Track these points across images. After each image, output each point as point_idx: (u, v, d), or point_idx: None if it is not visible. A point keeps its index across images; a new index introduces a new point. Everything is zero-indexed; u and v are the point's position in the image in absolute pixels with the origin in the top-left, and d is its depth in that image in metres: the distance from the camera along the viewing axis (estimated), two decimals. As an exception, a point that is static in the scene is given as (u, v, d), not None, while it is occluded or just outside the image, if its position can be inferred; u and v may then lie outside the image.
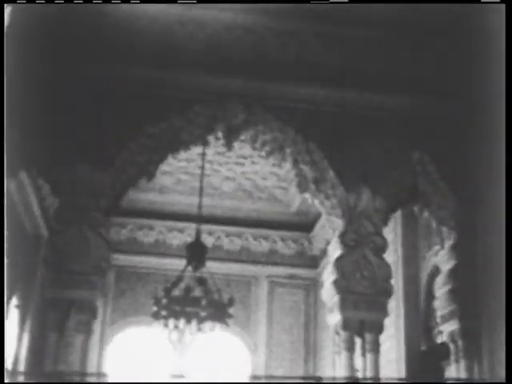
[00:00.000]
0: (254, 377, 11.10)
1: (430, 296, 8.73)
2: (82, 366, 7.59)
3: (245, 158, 11.09)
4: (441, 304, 8.16)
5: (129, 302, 12.40)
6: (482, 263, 7.72)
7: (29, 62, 6.59)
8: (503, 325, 6.97)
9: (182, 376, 10.94)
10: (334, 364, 10.84)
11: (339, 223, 7.89)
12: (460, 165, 7.87)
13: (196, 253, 9.61)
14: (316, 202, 8.00)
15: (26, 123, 6.68)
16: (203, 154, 9.97)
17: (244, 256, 12.81)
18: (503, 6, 3.66)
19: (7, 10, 5.31)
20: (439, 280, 8.25)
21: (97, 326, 11.24)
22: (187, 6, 7.45)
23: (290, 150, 7.88)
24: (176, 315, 10.42)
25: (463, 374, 7.68)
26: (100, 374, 9.86)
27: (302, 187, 8.05)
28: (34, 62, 6.78)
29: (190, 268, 9.55)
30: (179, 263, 9.69)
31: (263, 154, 8.29)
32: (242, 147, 9.90)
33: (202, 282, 9.40)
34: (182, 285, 9.75)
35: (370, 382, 7.27)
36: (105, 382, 8.68)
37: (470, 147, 7.79)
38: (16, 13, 5.67)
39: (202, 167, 10.16)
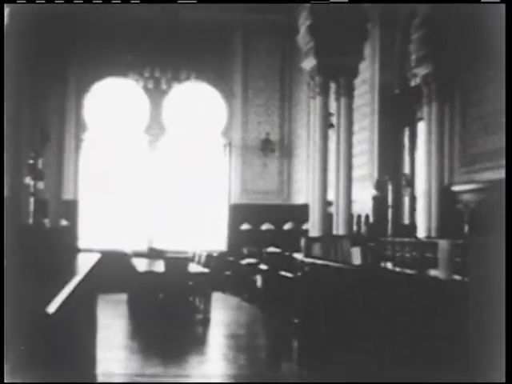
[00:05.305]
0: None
1: (406, 39, 8.66)
2: (59, 116, 7.72)
3: None
4: (416, 47, 8.15)
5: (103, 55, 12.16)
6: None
7: None
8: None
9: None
10: (308, 108, 11.05)
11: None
12: None
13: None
14: None
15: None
16: None
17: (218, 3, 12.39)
18: (503, 5, 3.50)
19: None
20: (415, 23, 8.15)
21: (71, 73, 11.15)
22: None
23: None
24: (152, 64, 10.37)
25: (434, 116, 7.90)
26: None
27: None
28: None
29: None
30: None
31: None
32: None
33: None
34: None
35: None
36: None
37: None
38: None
39: None
